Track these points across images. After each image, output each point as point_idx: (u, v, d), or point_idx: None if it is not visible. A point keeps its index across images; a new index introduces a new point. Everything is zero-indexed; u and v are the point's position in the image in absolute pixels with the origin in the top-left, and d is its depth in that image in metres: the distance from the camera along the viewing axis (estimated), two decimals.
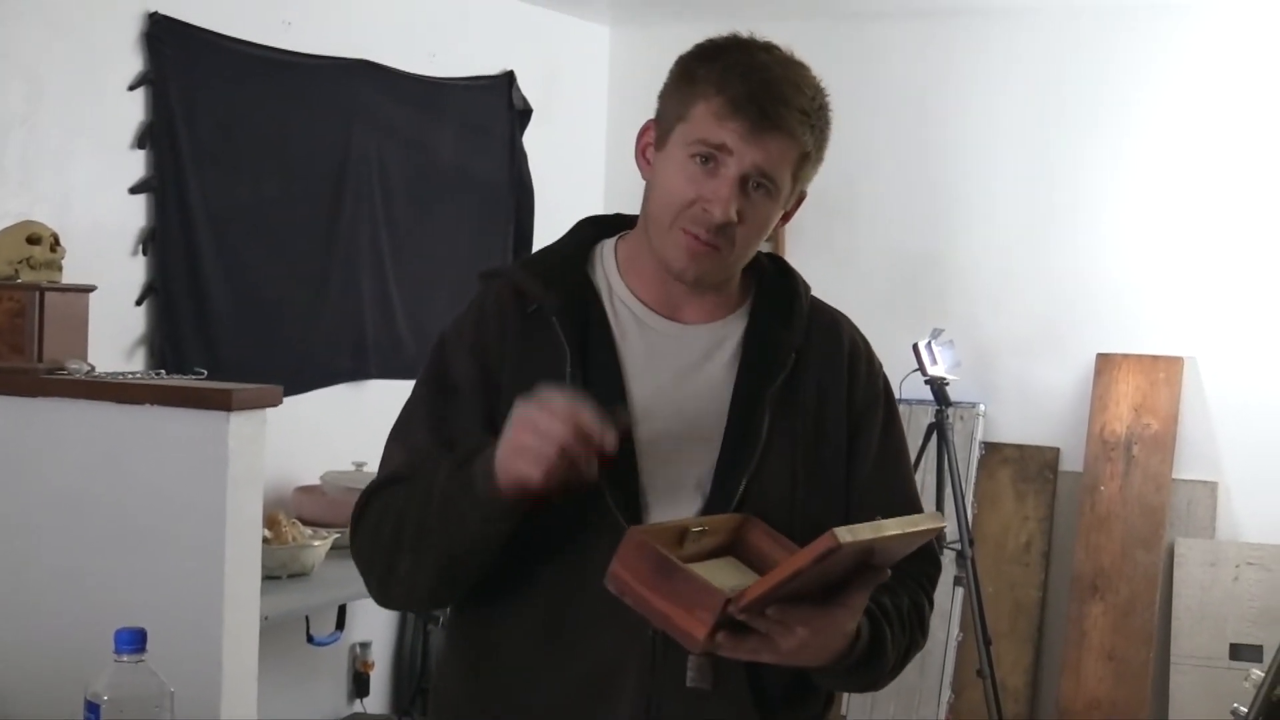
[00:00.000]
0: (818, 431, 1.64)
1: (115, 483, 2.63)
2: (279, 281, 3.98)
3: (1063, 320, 4.90)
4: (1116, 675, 4.70)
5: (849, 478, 1.67)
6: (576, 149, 5.29)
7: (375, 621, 4.38)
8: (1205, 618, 4.64)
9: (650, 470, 1.58)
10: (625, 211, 1.77)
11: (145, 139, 3.56)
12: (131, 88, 3.53)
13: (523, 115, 4.89)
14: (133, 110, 3.54)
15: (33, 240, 2.88)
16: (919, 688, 4.82)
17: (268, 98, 3.93)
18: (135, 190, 3.56)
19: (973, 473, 4.92)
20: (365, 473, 3.91)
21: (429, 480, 1.55)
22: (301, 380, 3.97)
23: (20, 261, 2.84)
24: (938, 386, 4.48)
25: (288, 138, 4.00)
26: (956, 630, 4.81)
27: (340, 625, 3.99)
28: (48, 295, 2.80)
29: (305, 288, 4.08)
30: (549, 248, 1.72)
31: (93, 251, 3.31)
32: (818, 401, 1.65)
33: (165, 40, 3.57)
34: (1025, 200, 4.96)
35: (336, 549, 3.57)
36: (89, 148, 3.45)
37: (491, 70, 4.80)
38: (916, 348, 4.46)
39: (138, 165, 3.57)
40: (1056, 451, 4.94)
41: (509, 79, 4.84)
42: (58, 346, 2.79)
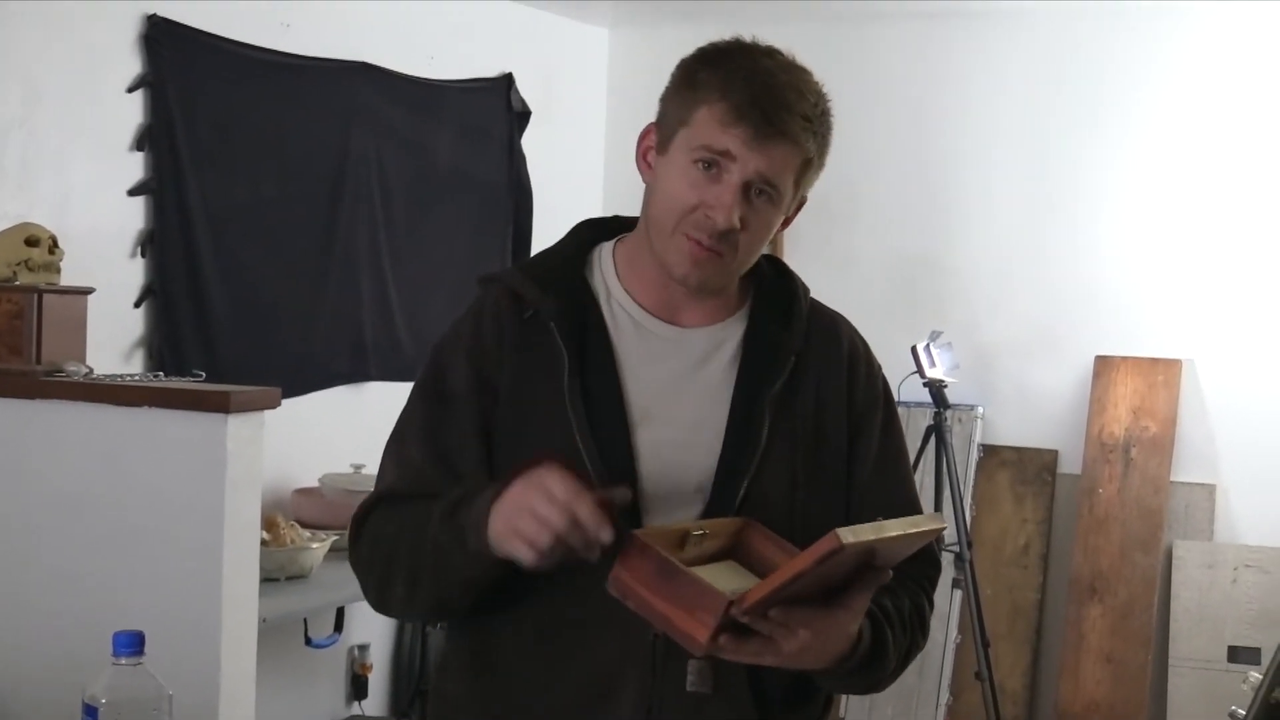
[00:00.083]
0: (818, 434, 1.64)
1: (114, 485, 2.63)
2: (277, 283, 3.98)
3: (1061, 323, 4.90)
4: (1115, 678, 4.70)
5: (849, 479, 1.67)
6: (575, 151, 5.28)
7: (374, 624, 4.37)
8: (1203, 620, 4.64)
9: (650, 474, 1.58)
10: (624, 214, 1.77)
11: (144, 141, 3.56)
12: (130, 90, 3.53)
13: (521, 117, 4.89)
14: (131, 112, 3.54)
15: (31, 242, 2.88)
16: (917, 690, 4.81)
17: (266, 100, 3.92)
18: (134, 192, 3.55)
19: (971, 475, 4.92)
20: (364, 475, 3.91)
21: (422, 526, 1.54)
22: (300, 382, 3.97)
23: (19, 264, 2.84)
24: (936, 389, 4.47)
25: (286, 140, 3.99)
26: (955, 632, 4.81)
27: (338, 627, 3.99)
28: (46, 297, 2.80)
29: (304, 290, 4.07)
30: (546, 251, 1.72)
31: (91, 253, 3.30)
32: (817, 404, 1.65)
33: (164, 42, 3.57)
34: (1024, 203, 4.95)
35: (335, 551, 3.56)
36: (87, 150, 3.44)
37: (490, 72, 4.80)
38: (915, 350, 4.46)
39: (136, 167, 3.56)
40: (1055, 454, 4.94)
41: (508, 81, 4.84)
42: (56, 349, 2.79)
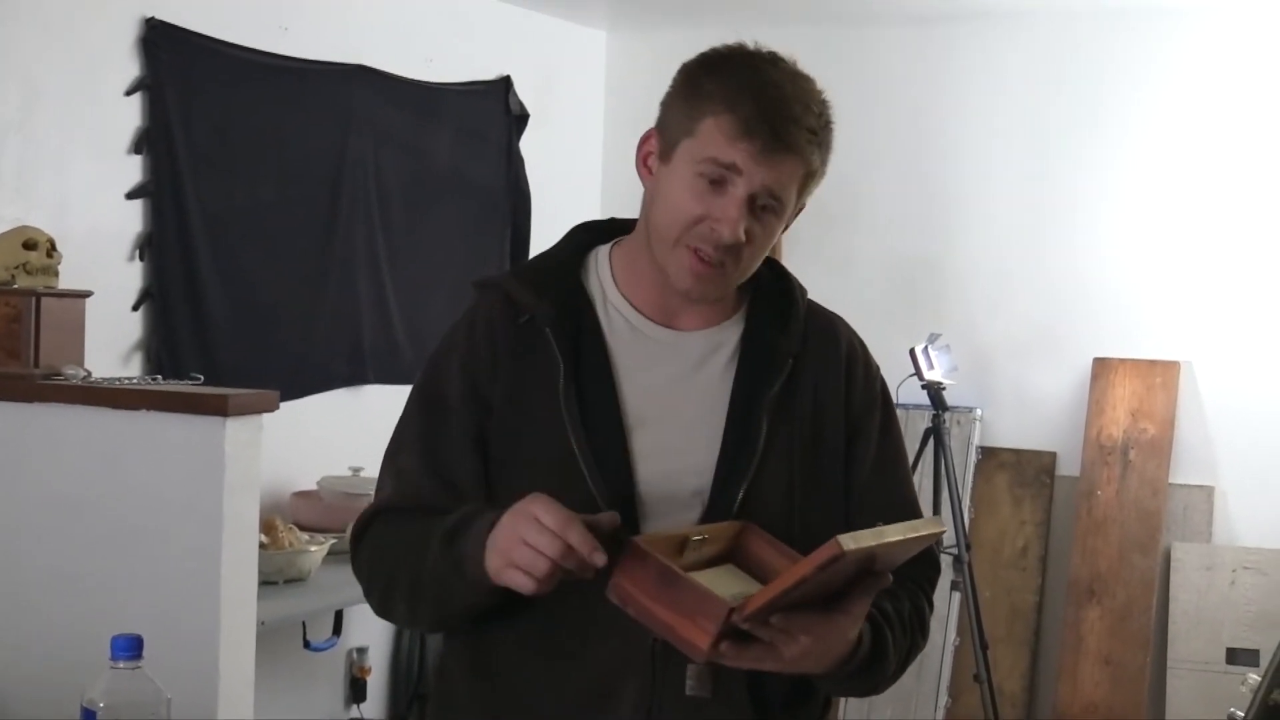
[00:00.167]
0: (816, 436, 1.64)
1: (112, 488, 2.63)
2: (276, 286, 3.97)
3: (1060, 325, 4.90)
4: (1113, 680, 4.70)
5: (848, 481, 1.66)
6: (573, 154, 5.28)
7: (372, 627, 4.36)
8: (1202, 622, 4.64)
9: (647, 479, 1.57)
10: (622, 216, 1.76)
11: (142, 144, 3.56)
12: (128, 93, 3.53)
13: (519, 120, 4.89)
14: (129, 115, 3.54)
15: (29, 245, 2.87)
16: (916, 692, 4.81)
17: (264, 102, 3.92)
18: (132, 195, 3.55)
19: (969, 477, 4.92)
20: (362, 478, 3.91)
21: (420, 552, 1.54)
22: (298, 385, 3.96)
23: (16, 267, 2.84)
24: (934, 391, 4.47)
25: (284, 142, 3.99)
26: (953, 635, 4.80)
27: (337, 630, 3.98)
28: (44, 301, 2.79)
29: (302, 292, 4.07)
30: (542, 255, 1.72)
31: (89, 257, 3.30)
32: (815, 406, 1.64)
33: (162, 45, 3.57)
34: (1022, 204, 4.95)
35: (333, 554, 3.56)
36: (85, 153, 3.44)
37: (488, 75, 4.79)
38: (913, 352, 4.46)
39: (134, 170, 3.56)
40: (1053, 456, 4.94)
41: (506, 84, 4.84)
42: (54, 352, 2.79)
